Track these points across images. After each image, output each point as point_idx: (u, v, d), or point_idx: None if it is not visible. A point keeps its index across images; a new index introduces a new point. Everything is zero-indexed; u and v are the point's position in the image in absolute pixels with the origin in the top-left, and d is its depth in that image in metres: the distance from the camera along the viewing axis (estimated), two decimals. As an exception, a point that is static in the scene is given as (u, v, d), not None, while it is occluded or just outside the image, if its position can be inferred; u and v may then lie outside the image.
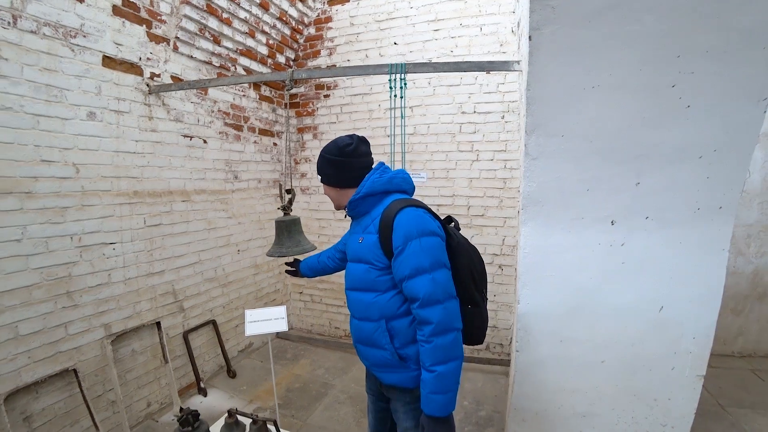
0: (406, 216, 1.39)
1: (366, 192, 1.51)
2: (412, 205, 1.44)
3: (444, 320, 1.33)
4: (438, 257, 1.38)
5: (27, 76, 2.17)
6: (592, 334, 1.86)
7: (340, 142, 1.55)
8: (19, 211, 2.18)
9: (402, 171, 1.62)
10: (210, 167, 3.48)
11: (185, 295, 3.31)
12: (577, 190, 1.69)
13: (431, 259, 1.35)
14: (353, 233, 1.63)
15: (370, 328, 1.51)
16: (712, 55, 1.42)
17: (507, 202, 3.60)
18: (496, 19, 3.48)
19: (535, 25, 1.41)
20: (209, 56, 3.32)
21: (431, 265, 1.35)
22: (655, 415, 1.90)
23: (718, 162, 1.60)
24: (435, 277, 1.34)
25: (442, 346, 1.33)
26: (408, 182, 1.60)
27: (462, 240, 1.54)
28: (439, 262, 1.37)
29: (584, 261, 1.77)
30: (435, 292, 1.33)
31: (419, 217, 1.40)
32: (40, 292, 2.30)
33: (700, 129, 1.54)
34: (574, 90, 1.53)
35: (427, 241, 1.37)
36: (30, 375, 2.27)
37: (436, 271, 1.35)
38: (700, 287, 1.73)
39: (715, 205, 1.65)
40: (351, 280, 1.59)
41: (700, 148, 1.58)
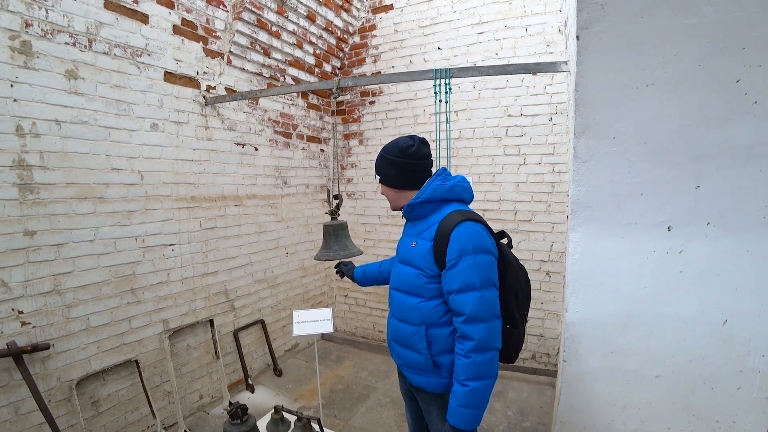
0: (464, 230, 1.39)
1: (426, 198, 1.51)
2: (471, 219, 1.43)
3: (485, 339, 1.34)
4: (489, 276, 1.38)
5: (100, 93, 2.40)
6: (647, 347, 1.75)
7: (401, 143, 1.54)
8: (93, 215, 2.40)
9: (463, 179, 1.58)
10: (261, 173, 3.64)
11: (236, 295, 3.47)
12: (630, 194, 1.60)
13: (482, 277, 1.36)
14: (407, 235, 1.63)
15: (409, 331, 1.53)
16: (782, 46, 1.32)
17: (555, 206, 3.48)
18: (542, 19, 3.40)
19: (583, 24, 1.37)
20: (260, 68, 3.49)
21: (482, 283, 1.35)
22: (718, 437, 1.75)
23: (791, 162, 1.46)
24: (484, 295, 1.35)
25: (480, 363, 1.34)
26: (468, 191, 1.58)
27: (512, 259, 1.53)
28: (490, 281, 1.38)
29: (638, 269, 1.67)
30: (481, 310, 1.34)
31: (477, 232, 1.40)
32: (109, 288, 2.51)
33: (770, 127, 1.42)
34: (626, 89, 1.46)
35: (481, 258, 1.37)
36: (98, 363, 2.48)
37: (486, 289, 1.36)
38: (772, 300, 1.58)
39: (788, 209, 1.51)
40: (397, 281, 1.60)
41: (770, 147, 1.46)
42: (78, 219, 2.34)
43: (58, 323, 2.28)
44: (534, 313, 3.65)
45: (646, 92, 1.45)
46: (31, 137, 2.12)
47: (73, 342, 2.36)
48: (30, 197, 2.14)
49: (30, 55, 2.09)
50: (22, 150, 2.10)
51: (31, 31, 2.08)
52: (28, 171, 2.13)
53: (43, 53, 2.13)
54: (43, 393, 2.18)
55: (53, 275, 2.25)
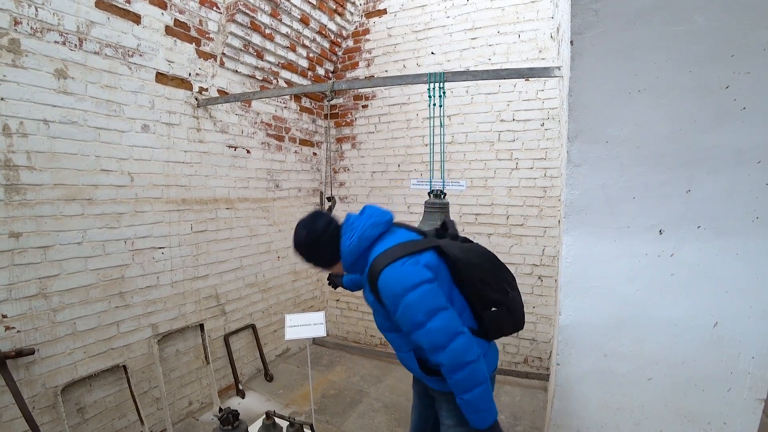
0: (386, 278, 1.38)
1: (347, 265, 1.52)
2: (389, 259, 1.40)
3: (452, 361, 1.37)
4: (430, 304, 1.37)
5: (90, 93, 2.36)
6: (639, 350, 1.77)
7: (299, 234, 1.55)
8: (81, 216, 2.36)
9: (366, 218, 1.53)
10: (253, 176, 3.62)
11: (227, 299, 3.43)
12: (622, 198, 1.62)
13: (424, 311, 1.36)
14: None
15: (404, 357, 1.62)
16: (770, 53, 1.34)
17: (547, 211, 3.51)
18: (534, 26, 3.44)
19: (577, 30, 1.39)
20: (253, 70, 3.47)
21: (426, 316, 1.36)
22: (709, 439, 1.77)
23: (779, 167, 1.49)
24: (431, 327, 1.36)
25: (461, 380, 1.38)
26: (378, 225, 1.51)
27: (457, 251, 1.51)
28: (433, 309, 1.37)
29: (630, 272, 1.69)
30: (436, 340, 1.36)
31: (399, 274, 1.38)
32: (97, 292, 2.46)
33: (758, 132, 1.45)
34: (618, 94, 1.48)
35: (414, 295, 1.36)
36: (85, 369, 2.43)
37: (432, 320, 1.36)
38: (760, 302, 1.61)
39: (776, 214, 1.54)
40: (376, 320, 1.65)
41: (758, 152, 1.48)
42: (66, 221, 2.29)
43: (44, 328, 2.23)
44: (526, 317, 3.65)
45: (638, 97, 1.47)
46: (18, 137, 2.08)
47: (59, 347, 2.30)
48: (16, 198, 2.09)
49: (18, 54, 2.05)
50: (8, 150, 2.05)
51: (20, 29, 2.05)
52: (15, 171, 2.08)
53: (32, 52, 2.10)
54: (27, 399, 2.12)
55: (39, 278, 2.20)
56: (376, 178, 4.31)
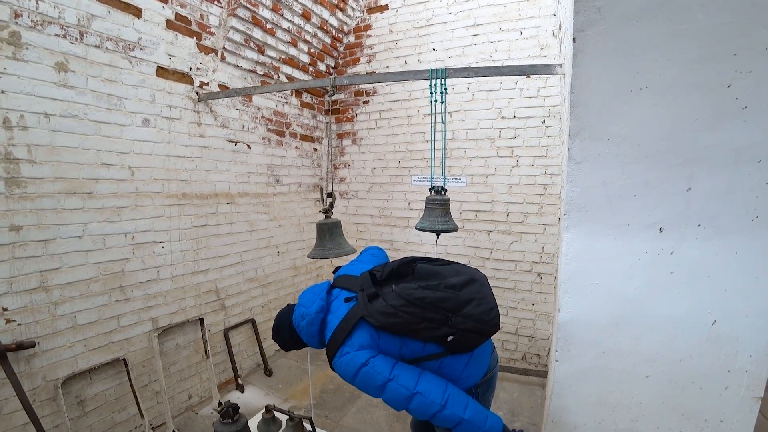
0: (336, 369, 1.53)
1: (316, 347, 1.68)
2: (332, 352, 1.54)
3: (420, 415, 1.46)
4: (374, 382, 1.46)
5: (91, 87, 2.36)
6: (638, 347, 1.77)
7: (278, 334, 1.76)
8: (81, 210, 2.36)
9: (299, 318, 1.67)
10: (253, 171, 3.62)
11: (227, 294, 3.44)
12: (623, 196, 1.62)
13: (372, 389, 1.47)
14: None
15: None
16: (773, 52, 1.34)
17: (547, 208, 3.51)
18: (536, 23, 3.43)
19: (580, 27, 1.39)
20: (254, 65, 3.46)
21: (377, 391, 1.47)
22: (706, 436, 1.78)
23: (779, 167, 1.49)
24: (386, 398, 1.47)
25: (440, 422, 1.46)
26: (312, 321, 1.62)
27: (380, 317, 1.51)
28: (379, 386, 1.46)
29: (630, 269, 1.69)
30: (397, 405, 1.47)
31: (341, 363, 1.51)
32: (97, 286, 2.47)
33: (759, 131, 1.45)
34: (620, 92, 1.48)
35: (359, 379, 1.47)
36: (85, 362, 2.44)
37: (383, 393, 1.46)
38: (759, 301, 1.61)
39: (776, 213, 1.54)
40: None
41: (759, 151, 1.48)
42: (66, 214, 2.30)
43: (44, 321, 2.24)
44: (525, 314, 3.68)
45: (640, 95, 1.47)
46: (18, 130, 2.08)
47: (60, 340, 2.31)
48: (17, 191, 2.10)
49: (19, 47, 2.05)
50: (9, 143, 2.05)
51: (20, 22, 2.04)
52: (15, 164, 2.08)
53: (32, 44, 2.09)
54: (28, 392, 2.14)
55: (40, 272, 2.21)
56: (377, 174, 4.31)
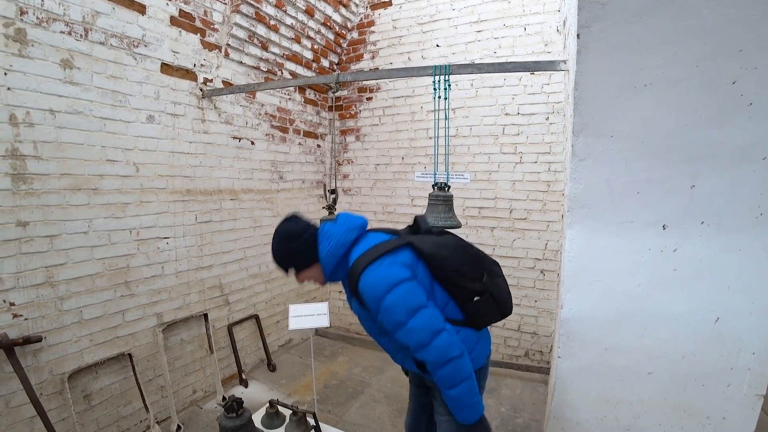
0: (366, 280, 1.40)
1: (330, 270, 1.53)
2: (368, 260, 1.42)
3: (436, 358, 1.39)
4: (411, 303, 1.38)
5: (96, 83, 2.37)
6: (640, 344, 1.78)
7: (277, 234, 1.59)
8: (87, 206, 2.38)
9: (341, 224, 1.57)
10: (257, 167, 3.63)
11: (231, 290, 3.46)
12: (626, 193, 1.62)
13: (405, 310, 1.37)
14: None
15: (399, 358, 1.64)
16: (779, 48, 1.33)
17: (550, 205, 3.50)
18: (540, 19, 3.41)
19: (584, 23, 1.38)
20: (257, 61, 3.47)
21: (407, 316, 1.37)
22: (708, 433, 1.78)
23: (784, 164, 1.49)
24: (413, 326, 1.37)
25: (446, 376, 1.41)
26: (352, 229, 1.56)
27: (429, 247, 1.52)
28: (414, 308, 1.38)
29: (633, 266, 1.69)
30: (419, 339, 1.38)
31: (378, 275, 1.40)
32: (102, 281, 2.49)
33: (764, 128, 1.45)
34: (624, 89, 1.48)
35: (394, 295, 1.37)
36: (91, 356, 2.46)
37: (413, 318, 1.37)
38: (762, 299, 1.61)
39: (781, 210, 1.54)
40: (364, 326, 1.64)
41: (764, 148, 1.48)
42: (72, 210, 2.31)
43: (51, 315, 2.26)
44: (527, 311, 3.68)
45: (644, 92, 1.47)
46: (24, 126, 2.09)
47: (66, 335, 2.33)
48: (23, 187, 2.11)
49: (24, 44, 2.06)
50: (15, 139, 2.07)
51: (26, 19, 2.05)
52: (22, 161, 2.10)
53: (38, 42, 2.10)
54: (35, 386, 2.16)
55: (46, 267, 2.22)
56: (380, 170, 4.31)
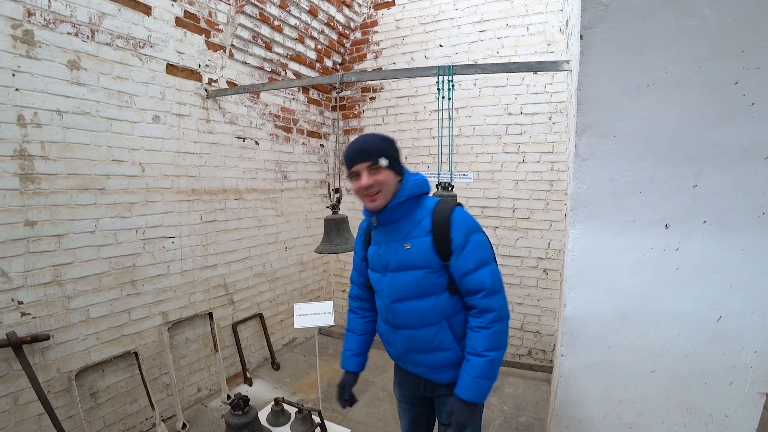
0: (460, 214, 1.44)
1: (409, 194, 1.46)
2: (454, 203, 1.49)
3: (504, 307, 1.42)
4: (491, 251, 1.48)
5: (102, 84, 2.39)
6: (643, 342, 1.79)
7: (377, 136, 1.50)
8: (93, 206, 2.40)
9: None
10: (261, 167, 3.65)
11: (235, 289, 3.48)
12: (629, 192, 1.63)
13: (489, 252, 1.46)
14: (388, 242, 1.51)
15: (430, 334, 1.48)
16: (781, 49, 1.34)
17: (553, 204, 3.51)
18: (543, 18, 3.42)
19: (587, 24, 1.39)
20: (261, 62, 3.49)
21: (491, 257, 1.46)
22: (710, 431, 1.79)
23: (786, 163, 1.50)
24: (494, 268, 1.44)
25: (499, 332, 1.40)
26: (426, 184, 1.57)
27: None
28: (493, 256, 1.48)
29: (636, 265, 1.71)
30: (497, 282, 1.42)
31: (469, 216, 1.47)
32: (109, 280, 2.51)
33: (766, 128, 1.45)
34: (627, 89, 1.49)
35: (481, 236, 1.46)
36: (98, 355, 2.49)
37: (493, 263, 1.45)
38: (764, 297, 1.62)
39: (783, 209, 1.55)
40: (400, 291, 1.49)
41: (766, 148, 1.49)
42: (79, 210, 2.34)
43: (58, 314, 2.28)
44: (530, 310, 3.69)
45: (647, 92, 1.48)
46: (32, 127, 2.12)
47: (73, 333, 2.36)
48: (31, 187, 2.14)
49: (32, 45, 2.08)
50: (23, 140, 2.09)
51: (33, 21, 2.07)
52: (30, 161, 2.13)
53: (45, 43, 2.13)
54: (43, 384, 2.19)
55: (53, 266, 2.25)
56: (383, 170, 4.32)
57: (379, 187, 1.42)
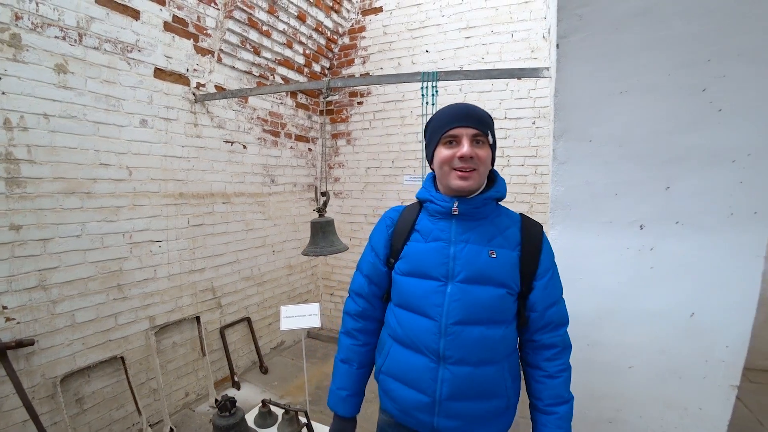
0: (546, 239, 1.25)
1: (501, 194, 1.22)
2: None
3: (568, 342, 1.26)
4: None
5: (90, 88, 2.39)
6: (621, 339, 1.85)
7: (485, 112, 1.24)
8: (80, 210, 2.40)
9: None
10: (249, 171, 3.66)
11: (223, 292, 3.48)
12: (605, 194, 1.70)
13: None
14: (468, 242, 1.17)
15: (490, 374, 1.16)
16: (744, 57, 1.42)
17: (537, 207, 3.59)
18: (527, 26, 3.51)
19: (563, 34, 1.46)
20: (250, 66, 3.51)
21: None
22: (685, 424, 1.86)
23: (752, 166, 1.57)
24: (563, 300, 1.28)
25: (568, 375, 1.25)
26: None
27: None
28: None
29: (613, 265, 1.77)
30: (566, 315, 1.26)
31: None
32: (95, 284, 2.50)
33: (733, 133, 1.53)
34: (602, 95, 1.55)
35: None
36: (83, 360, 2.47)
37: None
38: (734, 294, 1.69)
39: (750, 210, 1.62)
40: (470, 310, 1.14)
41: (733, 152, 1.56)
42: (65, 214, 2.33)
43: (43, 319, 2.27)
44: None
45: (621, 98, 1.55)
46: (18, 131, 2.12)
47: (58, 338, 2.34)
48: (17, 191, 2.13)
49: (19, 48, 2.08)
50: (9, 143, 2.09)
51: (21, 24, 2.08)
52: (15, 165, 2.12)
53: (32, 46, 2.13)
54: (27, 389, 2.17)
55: (39, 270, 2.24)
56: (371, 173, 4.37)
57: (477, 165, 1.12)
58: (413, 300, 1.19)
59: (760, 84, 1.45)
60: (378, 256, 1.31)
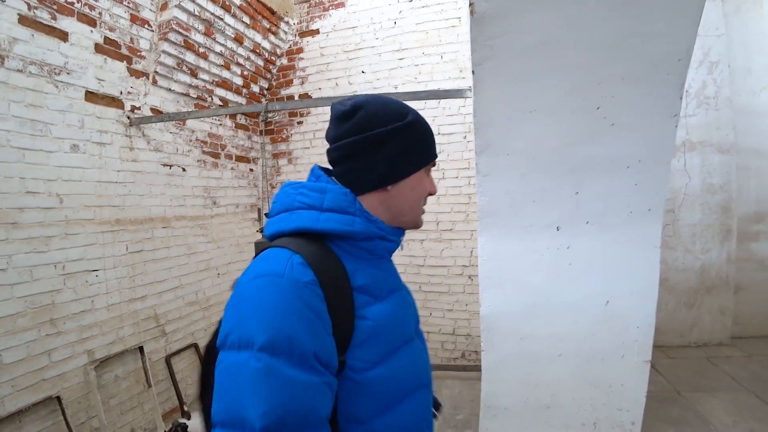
0: None
1: None
2: None
3: None
4: None
5: (13, 112, 2.28)
6: (549, 331, 2.06)
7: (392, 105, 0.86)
8: (5, 242, 2.26)
9: None
10: (189, 194, 3.59)
11: (167, 320, 3.36)
12: (524, 202, 1.91)
13: None
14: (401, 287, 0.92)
15: None
16: (627, 80, 1.69)
17: (473, 216, 3.82)
18: (455, 48, 3.79)
19: (477, 61, 1.65)
20: (187, 88, 3.48)
21: None
22: (611, 400, 2.09)
23: (643, 170, 1.85)
24: None
25: None
26: None
27: None
28: None
29: (536, 264, 1.98)
30: None
31: None
32: (25, 320, 2.35)
33: (625, 143, 1.80)
34: (515, 114, 1.77)
35: None
36: (13, 404, 2.29)
37: None
38: (639, 281, 1.96)
39: (645, 208, 1.90)
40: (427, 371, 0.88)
41: (627, 159, 1.83)
42: (-12, 247, 2.19)
43: (-35, 362, 2.10)
44: (460, 315, 3.95)
45: (531, 117, 1.77)
46: (-68, 162, 1.98)
47: (-17, 381, 2.18)
48: (-69, 226, 1.98)
49: (-69, 75, 1.97)
50: None
51: (-68, 50, 1.97)
52: (-71, 198, 1.98)
53: (-54, 73, 2.02)
54: (-53, 440, 2.00)
55: (-42, 309, 2.08)
56: (316, 191, 4.42)
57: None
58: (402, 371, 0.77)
59: (641, 102, 1.73)
60: (329, 366, 0.66)
